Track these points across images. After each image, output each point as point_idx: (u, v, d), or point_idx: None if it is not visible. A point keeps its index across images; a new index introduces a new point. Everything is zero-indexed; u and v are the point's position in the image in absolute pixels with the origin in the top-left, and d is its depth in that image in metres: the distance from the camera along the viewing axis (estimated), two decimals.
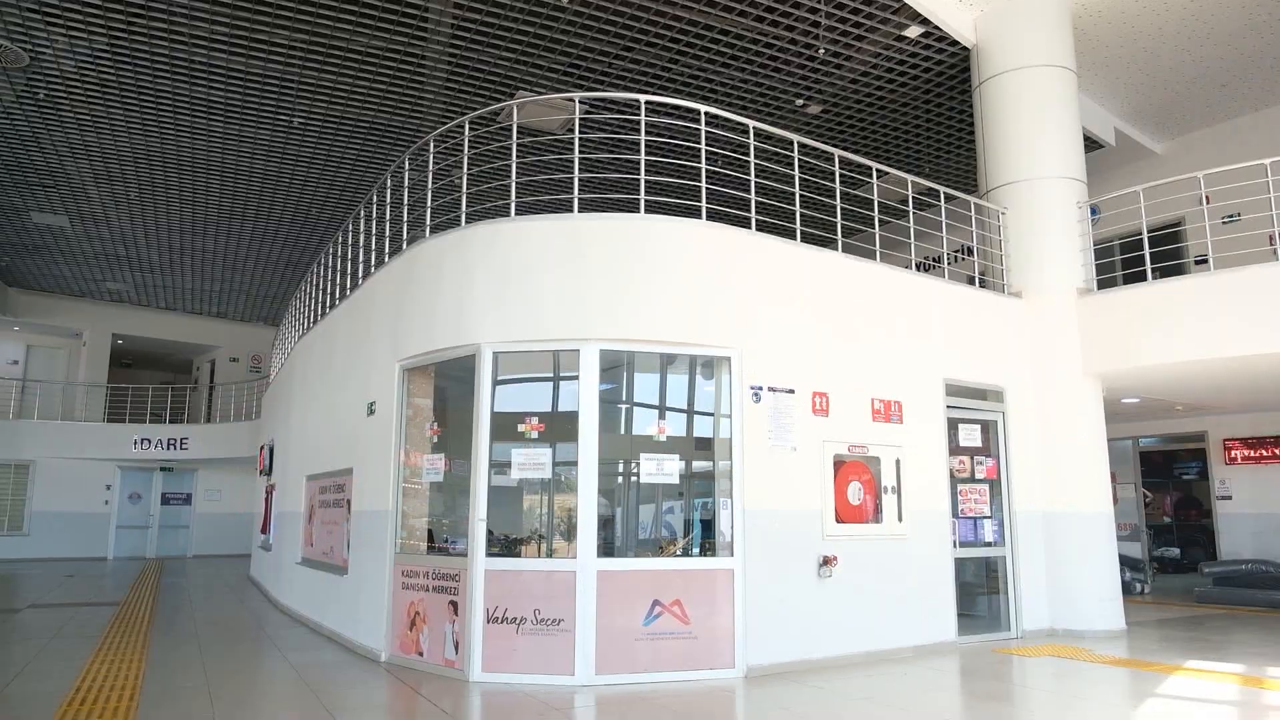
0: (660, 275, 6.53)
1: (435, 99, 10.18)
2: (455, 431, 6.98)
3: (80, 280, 18.73)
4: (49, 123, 10.84)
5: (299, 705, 5.52)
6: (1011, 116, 9.04)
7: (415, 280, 7.20)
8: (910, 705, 5.42)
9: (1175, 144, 11.97)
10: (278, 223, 14.66)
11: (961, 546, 7.88)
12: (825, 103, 10.57)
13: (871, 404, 7.35)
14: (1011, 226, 8.86)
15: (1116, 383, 8.80)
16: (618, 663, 5.94)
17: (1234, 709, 5.26)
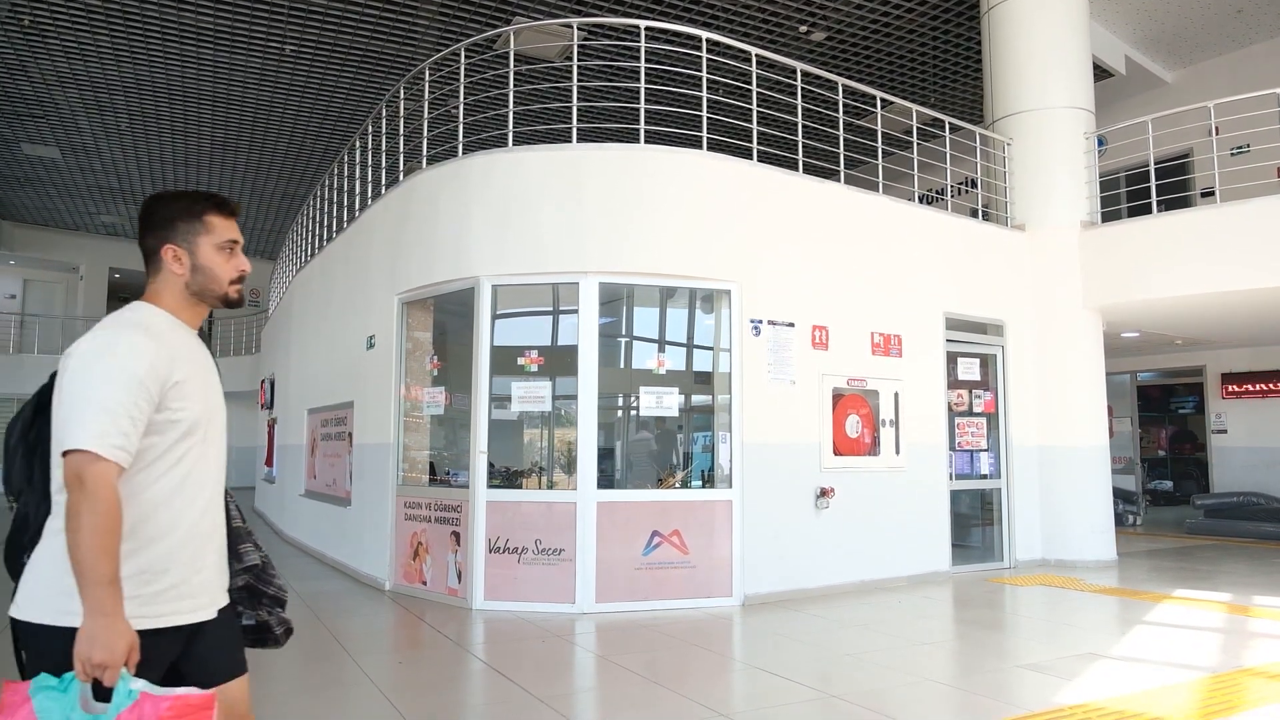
0: (660, 207, 6.45)
1: (430, 25, 9.91)
2: (455, 365, 6.99)
3: (75, 214, 18.53)
4: (35, 50, 10.57)
5: (307, 633, 5.65)
6: (1020, 44, 8.81)
7: (412, 212, 7.12)
8: (903, 632, 5.55)
9: (1186, 73, 11.70)
10: (272, 154, 14.43)
11: (957, 479, 7.97)
12: (830, 29, 10.29)
13: (871, 338, 7.35)
14: (1017, 158, 8.72)
15: (1117, 317, 8.78)
16: (617, 591, 6.06)
17: (1219, 635, 5.39)
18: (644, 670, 4.59)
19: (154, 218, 1.85)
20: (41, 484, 1.76)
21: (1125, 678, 4.37)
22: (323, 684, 4.43)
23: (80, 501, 1.55)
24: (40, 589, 1.65)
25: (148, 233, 1.86)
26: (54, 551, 1.64)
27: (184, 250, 1.84)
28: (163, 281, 1.85)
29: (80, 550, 1.54)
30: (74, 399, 1.61)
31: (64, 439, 1.60)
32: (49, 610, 1.63)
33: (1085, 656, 4.82)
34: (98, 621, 1.53)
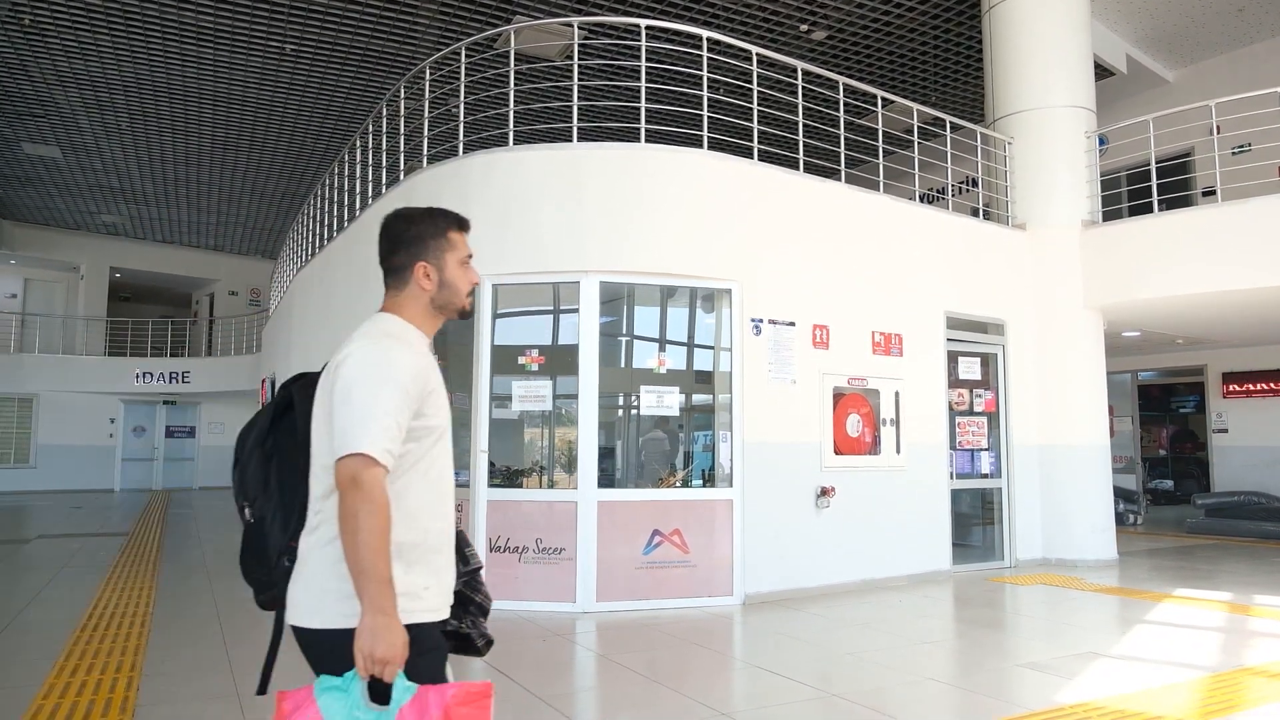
0: (661, 206, 6.44)
1: (430, 24, 9.91)
2: (456, 364, 6.98)
3: (75, 213, 18.53)
4: (36, 49, 10.57)
5: None
6: (1021, 43, 8.80)
7: None
8: (904, 631, 5.55)
9: (1188, 72, 11.69)
10: (273, 153, 14.42)
11: (958, 478, 7.97)
12: (830, 28, 10.28)
13: (872, 337, 7.34)
14: (1018, 157, 8.71)
15: (1118, 316, 8.77)
16: (618, 590, 6.06)
17: (1220, 634, 5.39)
18: (645, 669, 4.59)
19: (404, 236, 1.91)
20: (278, 491, 1.82)
21: (1126, 677, 4.37)
22: None
23: (358, 503, 1.60)
24: (319, 596, 1.70)
25: (398, 250, 1.90)
26: (328, 558, 1.69)
27: (433, 267, 1.90)
28: (408, 295, 1.90)
29: (359, 550, 1.59)
30: (349, 406, 1.66)
31: (342, 444, 1.64)
32: (333, 615, 1.67)
33: (1086, 655, 4.82)
34: (377, 619, 1.57)
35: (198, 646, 5.03)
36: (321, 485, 1.73)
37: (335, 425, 1.67)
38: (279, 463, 1.83)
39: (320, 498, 1.73)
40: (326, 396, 1.74)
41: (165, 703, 3.96)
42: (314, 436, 1.76)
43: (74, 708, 3.84)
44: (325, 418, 1.73)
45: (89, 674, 4.39)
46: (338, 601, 1.66)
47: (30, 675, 4.35)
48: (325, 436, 1.72)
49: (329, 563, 1.69)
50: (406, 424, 1.72)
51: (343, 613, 1.65)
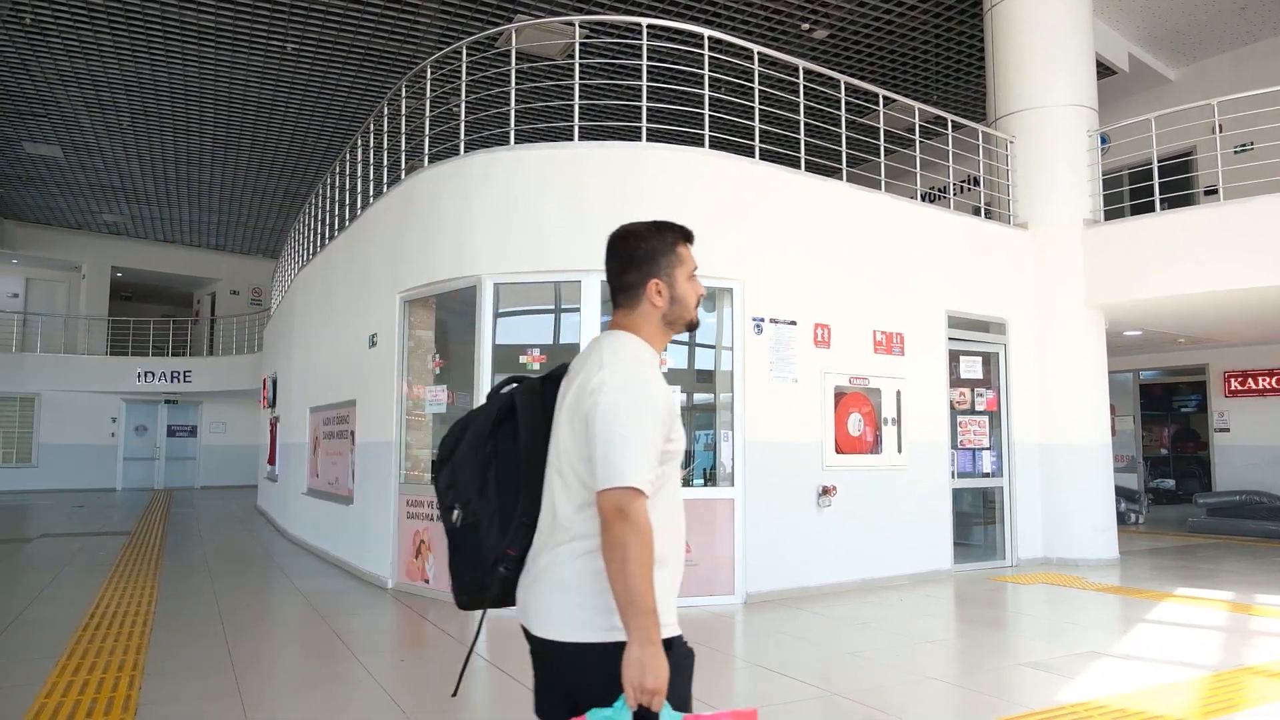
0: (662, 205, 6.43)
1: (432, 23, 9.91)
2: (457, 363, 6.99)
3: (77, 212, 18.54)
4: (37, 49, 10.58)
5: (309, 630, 5.66)
6: (1023, 41, 8.79)
7: (414, 211, 7.12)
8: (905, 630, 5.55)
9: (1190, 70, 11.68)
10: (274, 153, 14.43)
11: (960, 477, 7.96)
12: (832, 27, 10.28)
13: (873, 336, 7.34)
14: (1019, 156, 8.70)
15: (1120, 315, 8.76)
16: None
17: (1221, 634, 5.39)
18: None
19: (636, 253, 1.91)
20: (496, 497, 1.82)
21: (1127, 676, 4.37)
22: (325, 681, 4.44)
23: (628, 534, 1.60)
24: (580, 610, 1.71)
25: (630, 268, 1.90)
26: (584, 572, 1.71)
27: (665, 283, 1.91)
28: (641, 313, 1.90)
29: (629, 580, 1.59)
30: (612, 436, 1.66)
31: (607, 477, 1.64)
32: (595, 629, 1.69)
33: (1087, 655, 4.82)
34: (645, 649, 1.58)
35: (199, 645, 5.04)
36: (575, 498, 1.73)
37: (597, 454, 1.66)
38: (499, 468, 1.84)
39: (575, 510, 1.73)
40: (576, 418, 1.74)
41: (167, 701, 3.96)
42: (560, 449, 1.77)
43: (76, 706, 3.85)
44: (573, 435, 1.74)
45: (91, 672, 4.39)
46: (601, 615, 1.68)
47: (33, 674, 4.36)
48: (573, 452, 1.73)
49: (586, 577, 1.71)
50: (660, 450, 1.72)
51: (599, 627, 1.68)
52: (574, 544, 1.73)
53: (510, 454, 1.84)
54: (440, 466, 1.90)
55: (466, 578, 1.87)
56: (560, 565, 1.74)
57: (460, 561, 1.88)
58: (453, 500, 1.85)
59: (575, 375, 1.83)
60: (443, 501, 1.89)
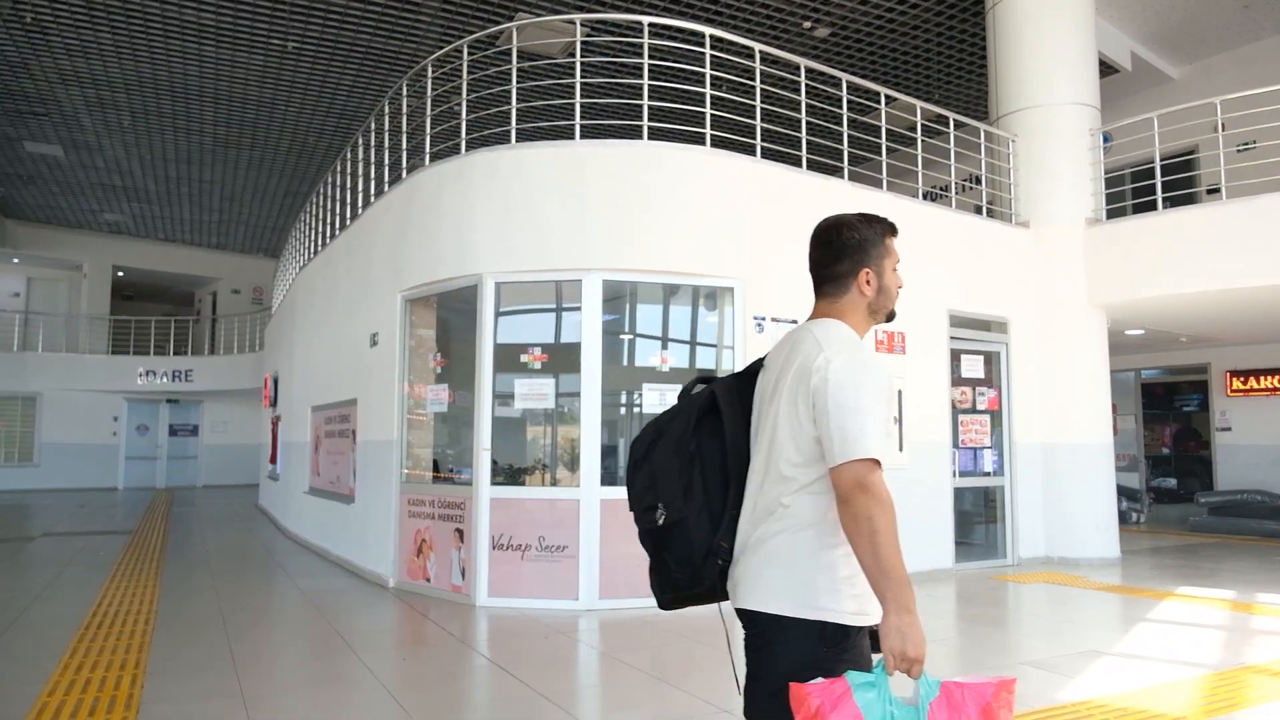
0: (663, 204, 6.44)
1: (432, 22, 9.90)
2: (458, 362, 6.99)
3: (78, 211, 18.54)
4: (37, 47, 10.58)
5: (311, 629, 5.67)
6: (1025, 40, 8.78)
7: (416, 210, 7.11)
8: None
9: (1192, 69, 11.66)
10: (274, 151, 14.43)
11: (961, 476, 7.96)
12: (834, 25, 10.26)
13: (874, 335, 7.33)
14: (1021, 154, 8.69)
15: (1122, 314, 8.75)
16: (621, 588, 6.06)
17: (1223, 632, 5.38)
18: (647, 666, 4.59)
19: (849, 244, 1.95)
20: (703, 493, 1.87)
21: (1128, 675, 4.36)
22: (327, 679, 4.44)
23: (870, 505, 1.64)
24: (793, 584, 1.74)
25: (843, 258, 1.94)
26: (801, 548, 1.75)
27: (875, 273, 1.94)
28: (849, 302, 1.94)
29: (880, 550, 1.62)
30: (846, 412, 1.70)
31: (844, 450, 1.67)
32: (805, 605, 1.72)
33: (1088, 654, 4.81)
34: (904, 618, 1.59)
35: (201, 644, 5.04)
36: (793, 481, 1.77)
37: (831, 429, 1.70)
38: (702, 466, 1.89)
39: (793, 492, 1.77)
40: (798, 400, 1.78)
41: (169, 700, 3.97)
42: (774, 437, 1.81)
43: (79, 705, 3.85)
44: (793, 418, 1.78)
45: (93, 671, 4.39)
46: (812, 592, 1.72)
47: (35, 672, 4.36)
48: (794, 435, 1.78)
49: (799, 553, 1.75)
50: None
51: (816, 605, 1.71)
52: (788, 521, 1.78)
53: (712, 451, 1.90)
54: (637, 469, 1.96)
55: (677, 575, 1.92)
56: (771, 541, 1.79)
57: (668, 559, 1.93)
58: (653, 500, 1.90)
59: (781, 365, 1.88)
60: (641, 502, 1.94)
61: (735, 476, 1.89)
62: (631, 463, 1.99)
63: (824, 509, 1.74)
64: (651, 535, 1.94)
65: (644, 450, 1.95)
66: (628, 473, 2.00)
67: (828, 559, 1.73)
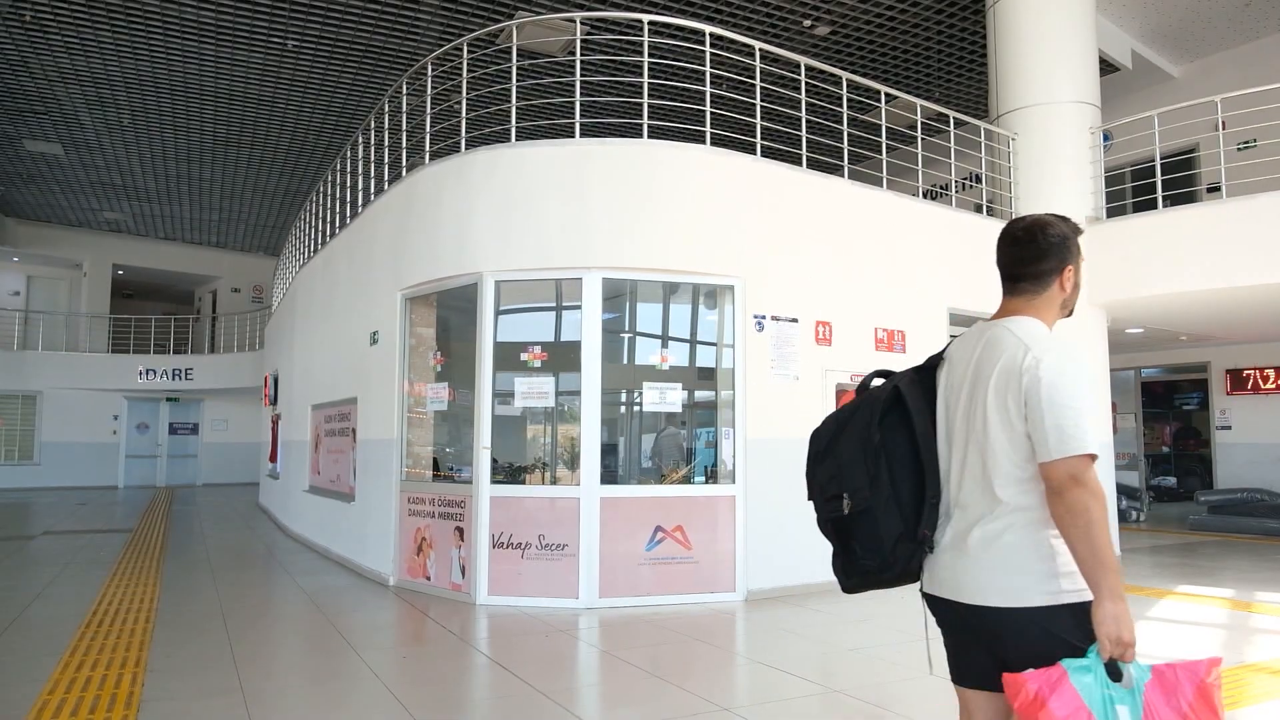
0: (664, 202, 6.44)
1: (432, 20, 9.89)
2: (458, 361, 6.99)
3: (78, 210, 18.54)
4: (37, 46, 10.57)
5: (311, 627, 5.67)
6: (1025, 38, 8.77)
7: (416, 208, 7.11)
8: (906, 626, 5.54)
9: (1193, 67, 11.65)
10: (274, 150, 14.42)
11: None
12: (834, 23, 10.26)
13: (875, 333, 7.34)
14: (1021, 153, 8.69)
15: (1122, 313, 8.75)
16: (621, 586, 6.07)
17: (1222, 631, 5.38)
18: (647, 665, 4.59)
19: (1055, 242, 2.00)
20: (891, 484, 1.95)
21: None
22: (327, 677, 4.45)
23: (1087, 499, 1.71)
24: (1024, 577, 1.81)
25: (1048, 256, 1.99)
26: (1030, 541, 1.82)
27: (1074, 270, 2.03)
28: (1047, 299, 2.04)
29: (1095, 541, 1.70)
30: (1060, 409, 1.76)
31: (1062, 446, 1.74)
32: (1038, 594, 1.79)
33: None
34: (1118, 605, 1.68)
35: (202, 642, 5.04)
36: (1011, 475, 1.83)
37: (1045, 426, 1.76)
38: (889, 457, 1.96)
39: (1011, 485, 1.83)
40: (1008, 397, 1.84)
41: (169, 698, 3.97)
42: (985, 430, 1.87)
43: (79, 703, 3.85)
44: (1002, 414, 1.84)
45: (94, 669, 4.40)
46: (1039, 582, 1.79)
47: (36, 670, 4.37)
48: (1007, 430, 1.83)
49: (1030, 546, 1.82)
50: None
51: (1044, 592, 1.79)
52: (1014, 516, 1.84)
53: (898, 443, 1.98)
54: (820, 460, 2.06)
55: (866, 561, 2.01)
56: (1000, 537, 1.85)
57: (854, 547, 2.02)
58: (838, 489, 2.00)
59: (974, 362, 1.94)
60: (825, 492, 2.04)
61: (930, 467, 1.97)
62: (812, 454, 2.09)
63: (1039, 500, 1.81)
64: (835, 523, 2.04)
65: (825, 443, 2.06)
66: (809, 464, 2.10)
67: (1051, 546, 1.81)
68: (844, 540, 2.05)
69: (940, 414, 2.02)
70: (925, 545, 1.95)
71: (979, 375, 1.93)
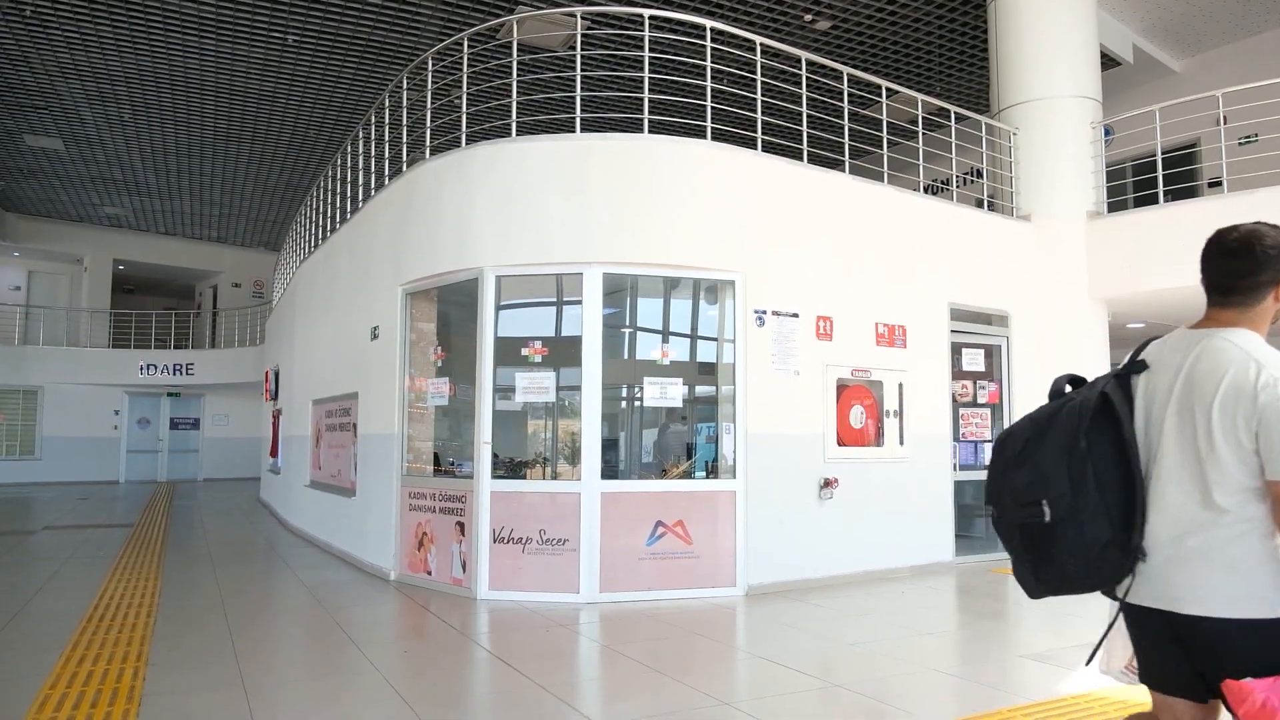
0: (664, 197, 6.43)
1: (433, 15, 9.88)
2: (459, 356, 6.99)
3: (79, 205, 18.54)
4: (37, 41, 10.56)
5: (312, 621, 5.68)
6: (1026, 32, 8.75)
7: (416, 203, 7.11)
8: (907, 621, 5.55)
9: (1194, 62, 11.62)
10: (275, 145, 14.41)
11: (961, 469, 7.96)
12: (835, 18, 10.24)
13: (875, 328, 7.33)
14: (1022, 148, 8.67)
15: (1123, 307, 8.75)
16: (621, 581, 6.07)
17: None
18: (647, 659, 4.60)
19: (1273, 254, 1.99)
20: (1098, 490, 1.92)
21: None
22: (328, 671, 4.46)
23: None
24: (1250, 588, 1.80)
25: (1265, 268, 1.99)
26: (1256, 552, 1.80)
27: None
28: (1261, 312, 2.02)
29: None
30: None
31: None
32: (1269, 605, 1.78)
33: (1088, 646, 4.80)
34: None
35: (203, 636, 5.05)
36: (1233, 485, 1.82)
37: (1275, 443, 1.75)
38: (1094, 463, 1.94)
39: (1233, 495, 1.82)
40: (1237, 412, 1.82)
41: (171, 692, 3.98)
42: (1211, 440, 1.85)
43: (81, 697, 3.86)
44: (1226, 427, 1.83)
45: (95, 663, 4.41)
46: (1269, 593, 1.78)
47: (37, 665, 4.38)
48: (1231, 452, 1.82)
49: (1256, 557, 1.80)
50: None
51: (1273, 603, 1.78)
52: (1238, 526, 1.82)
53: (1103, 449, 1.95)
54: (1015, 466, 2.04)
55: (1071, 567, 1.99)
56: (1223, 547, 1.83)
57: (1056, 553, 1.99)
58: (1038, 495, 1.96)
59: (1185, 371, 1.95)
60: (1022, 498, 2.01)
61: (1138, 476, 1.95)
62: (1004, 460, 2.06)
63: (1265, 511, 1.80)
64: (1030, 529, 2.02)
65: (1020, 448, 2.03)
66: (999, 470, 2.08)
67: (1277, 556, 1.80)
68: (1039, 546, 2.03)
69: (1139, 420, 2.01)
70: (1137, 553, 1.93)
71: (1193, 384, 1.92)
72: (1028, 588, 2.12)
